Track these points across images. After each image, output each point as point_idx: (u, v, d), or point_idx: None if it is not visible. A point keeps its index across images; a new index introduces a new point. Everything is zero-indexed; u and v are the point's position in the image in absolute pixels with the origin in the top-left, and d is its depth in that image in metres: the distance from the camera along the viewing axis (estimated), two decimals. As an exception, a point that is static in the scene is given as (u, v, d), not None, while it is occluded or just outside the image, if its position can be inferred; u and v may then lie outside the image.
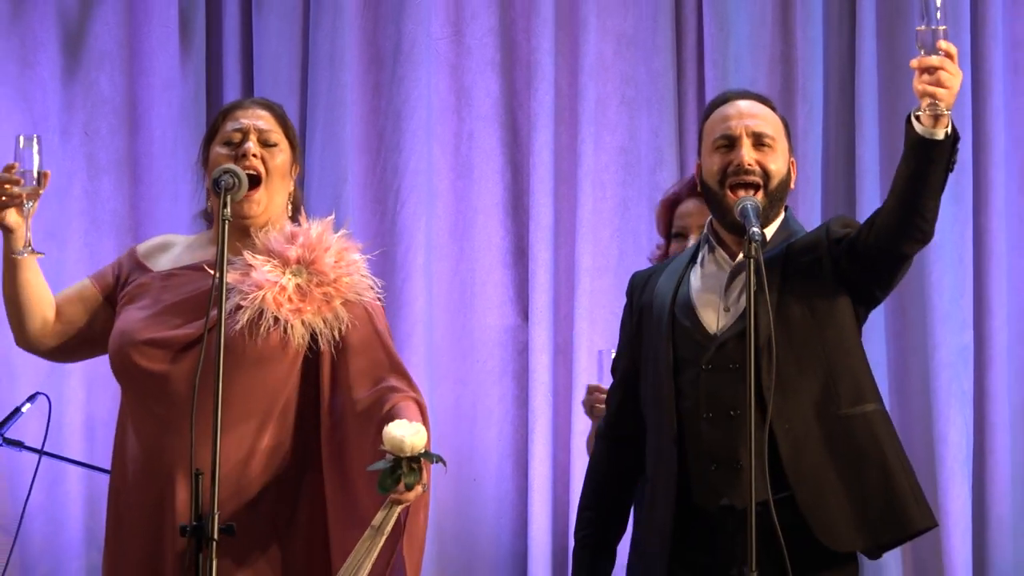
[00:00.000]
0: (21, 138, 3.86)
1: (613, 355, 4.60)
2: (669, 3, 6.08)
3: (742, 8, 6.03)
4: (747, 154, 3.96)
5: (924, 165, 3.71)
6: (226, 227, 3.81)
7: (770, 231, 3.97)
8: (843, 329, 3.92)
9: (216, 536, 3.63)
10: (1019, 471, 5.93)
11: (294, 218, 4.13)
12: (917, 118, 3.67)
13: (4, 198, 3.86)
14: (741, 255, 3.86)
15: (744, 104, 4.05)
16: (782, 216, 4.02)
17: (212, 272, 3.83)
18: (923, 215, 3.77)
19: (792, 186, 4.05)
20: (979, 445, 5.93)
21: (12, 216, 3.88)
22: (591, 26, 6.02)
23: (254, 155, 4.04)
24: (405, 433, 3.72)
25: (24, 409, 5.60)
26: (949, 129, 3.67)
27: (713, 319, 3.96)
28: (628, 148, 6.05)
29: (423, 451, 3.73)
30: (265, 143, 4.08)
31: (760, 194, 3.94)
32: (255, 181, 4.05)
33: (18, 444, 5.59)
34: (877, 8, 5.99)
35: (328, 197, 5.87)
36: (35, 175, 3.86)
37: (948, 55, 3.63)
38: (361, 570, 3.78)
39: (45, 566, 5.87)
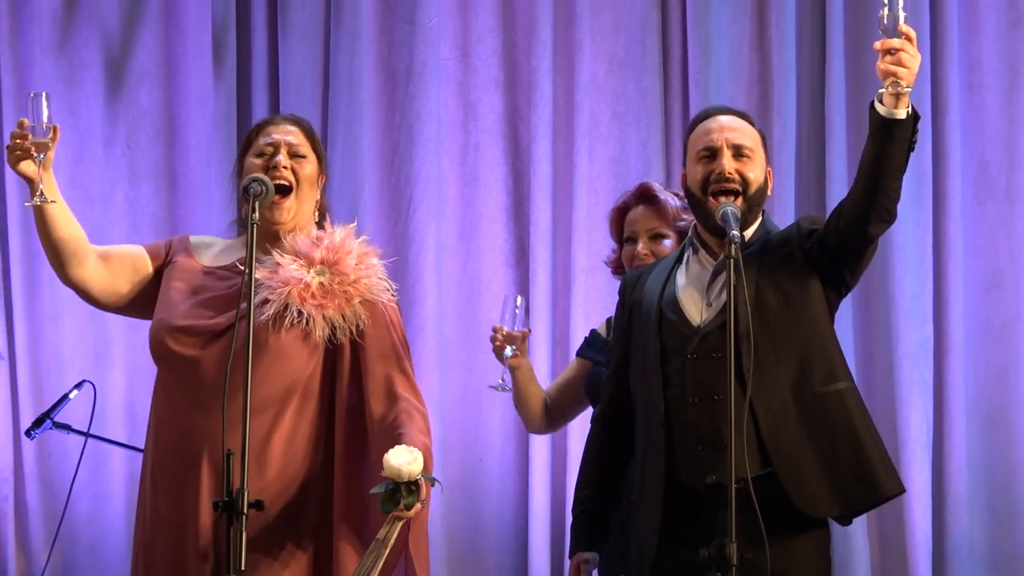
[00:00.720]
0: (31, 95, 3.87)
1: (519, 301, 4.61)
2: (656, 28, 6.08)
3: (723, 33, 6.03)
4: (728, 163, 3.97)
5: (888, 145, 3.71)
6: (254, 230, 3.83)
7: (748, 233, 3.98)
8: (815, 315, 3.92)
9: (246, 511, 3.62)
10: (974, 452, 5.93)
11: (320, 224, 4.14)
12: (880, 100, 3.69)
13: (18, 152, 3.85)
14: (722, 255, 3.86)
15: (725, 119, 4.05)
16: (760, 219, 4.03)
17: (244, 269, 3.84)
18: (888, 195, 3.77)
19: (769, 193, 4.06)
20: (938, 429, 5.93)
21: (28, 166, 3.86)
22: (585, 49, 6.02)
23: (284, 167, 4.05)
24: (403, 461, 3.74)
25: (71, 396, 5.60)
26: (909, 109, 3.69)
27: (697, 313, 3.96)
28: (619, 159, 6.05)
29: (419, 476, 3.75)
30: (294, 155, 4.09)
31: (739, 200, 3.95)
32: (286, 190, 4.06)
33: (66, 427, 5.60)
34: (845, 33, 5.99)
35: (347, 204, 5.87)
36: (44, 128, 3.85)
37: (908, 38, 3.64)
38: None
39: (90, 537, 5.87)
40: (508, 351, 4.60)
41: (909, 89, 3.66)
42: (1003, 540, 5.89)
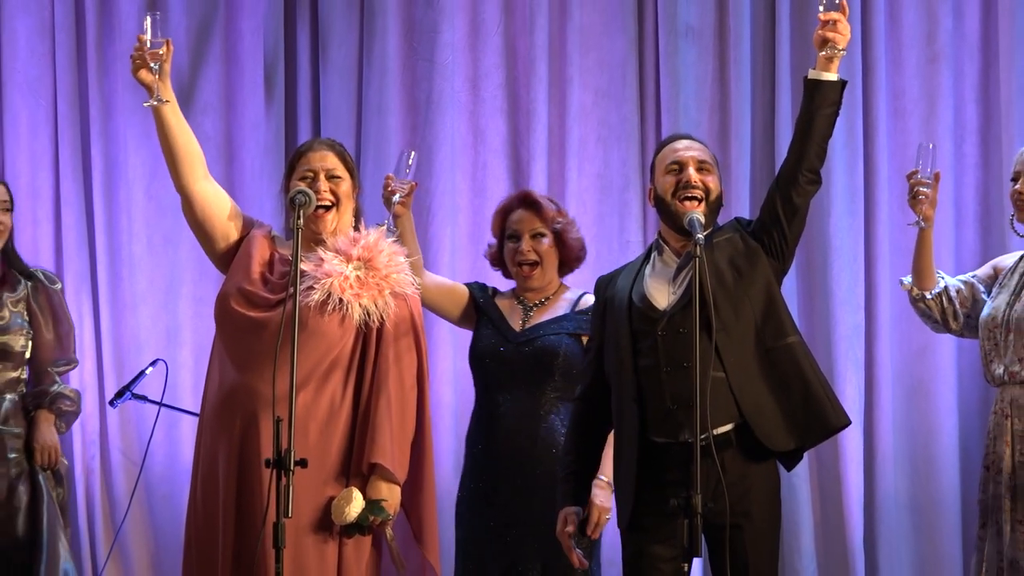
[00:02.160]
0: (148, 18, 4.01)
1: (411, 158, 4.60)
2: (635, 65, 6.12)
3: (689, 69, 6.08)
4: (693, 174, 4.04)
5: (818, 104, 3.90)
6: (299, 234, 3.92)
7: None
8: (765, 284, 4.00)
9: (293, 468, 3.68)
10: (898, 418, 5.99)
11: (356, 227, 4.21)
12: (814, 68, 3.89)
13: (138, 61, 4.00)
14: (686, 253, 3.94)
15: (688, 142, 4.16)
16: (715, 225, 4.09)
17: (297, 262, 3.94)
18: (817, 155, 3.93)
19: (722, 203, 4.12)
20: (869, 400, 5.98)
21: (146, 75, 4.01)
22: (575, 82, 6.07)
23: (325, 190, 4.14)
24: (341, 512, 3.95)
25: (147, 372, 5.67)
26: (837, 76, 3.89)
27: (663, 300, 4.03)
28: (603, 175, 6.09)
29: (358, 516, 3.97)
30: (331, 177, 4.18)
31: (702, 206, 4.02)
32: (328, 208, 4.14)
33: (143, 398, 5.69)
34: (791, 70, 6.02)
35: (376, 212, 5.88)
36: (158, 43, 3.98)
37: (843, 11, 3.85)
38: None
39: (164, 489, 5.95)
40: (396, 198, 4.60)
41: (843, 52, 3.87)
42: (922, 491, 5.96)
